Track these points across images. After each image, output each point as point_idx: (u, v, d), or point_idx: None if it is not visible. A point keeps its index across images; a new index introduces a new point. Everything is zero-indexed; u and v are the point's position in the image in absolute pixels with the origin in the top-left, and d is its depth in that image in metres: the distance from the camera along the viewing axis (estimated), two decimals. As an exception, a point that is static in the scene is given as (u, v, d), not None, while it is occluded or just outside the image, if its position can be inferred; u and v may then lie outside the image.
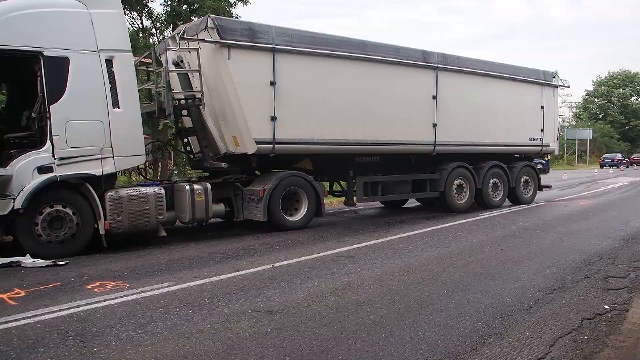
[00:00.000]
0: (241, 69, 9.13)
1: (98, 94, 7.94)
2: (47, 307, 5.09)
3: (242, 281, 6.11)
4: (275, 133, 9.54)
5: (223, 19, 9.79)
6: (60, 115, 7.62)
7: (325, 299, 5.30)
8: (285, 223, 9.96)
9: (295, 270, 6.67)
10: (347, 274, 6.44)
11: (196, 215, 9.06)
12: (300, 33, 10.05)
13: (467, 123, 12.41)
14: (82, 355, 3.89)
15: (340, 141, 10.44)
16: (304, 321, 4.61)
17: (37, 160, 7.52)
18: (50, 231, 7.65)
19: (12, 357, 3.87)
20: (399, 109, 11.22)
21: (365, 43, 10.86)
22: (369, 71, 10.76)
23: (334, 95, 10.26)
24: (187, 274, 6.49)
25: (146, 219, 8.39)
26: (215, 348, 4.01)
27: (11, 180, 7.31)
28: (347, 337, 4.22)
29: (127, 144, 8.27)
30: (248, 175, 10.23)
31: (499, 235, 9.38)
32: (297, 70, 9.77)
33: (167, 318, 4.74)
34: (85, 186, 7.90)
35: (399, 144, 11.41)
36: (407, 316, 4.75)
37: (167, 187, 9.00)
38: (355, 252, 7.89)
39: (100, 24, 8.03)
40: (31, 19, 7.60)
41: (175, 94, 9.53)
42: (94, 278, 6.33)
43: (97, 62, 7.95)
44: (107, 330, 4.43)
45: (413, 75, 11.57)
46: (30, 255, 7.37)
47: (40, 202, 7.55)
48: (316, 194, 10.30)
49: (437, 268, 6.72)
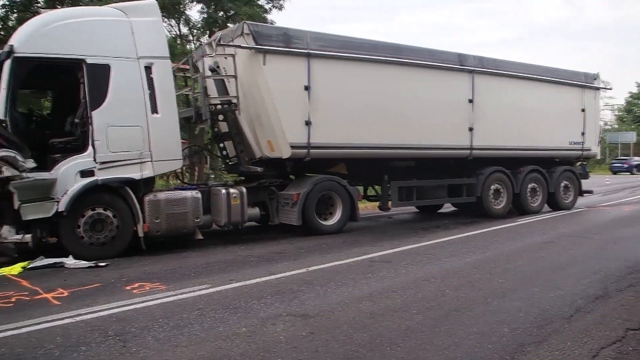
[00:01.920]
0: (276, 74, 9.21)
1: (137, 100, 8.15)
2: (88, 307, 5.23)
3: (277, 285, 6.14)
4: (310, 137, 9.57)
5: (259, 25, 9.91)
6: (101, 120, 7.85)
7: (359, 304, 5.27)
8: (320, 227, 9.97)
9: (330, 274, 6.67)
10: (381, 279, 6.40)
11: (232, 218, 9.17)
12: (334, 38, 10.09)
13: (505, 127, 12.17)
14: (122, 355, 3.98)
15: (375, 145, 10.40)
16: (339, 326, 4.60)
17: (80, 164, 7.76)
18: (91, 233, 7.87)
19: (56, 355, 3.99)
20: (434, 113, 11.10)
21: (400, 47, 10.81)
22: (403, 75, 10.69)
23: (369, 100, 10.23)
24: (223, 276, 6.56)
25: (183, 222, 8.54)
26: (251, 351, 4.03)
27: (55, 183, 7.56)
28: (382, 342, 4.19)
29: (165, 149, 8.45)
30: (283, 180, 10.29)
31: (538, 241, 9.16)
32: (331, 74, 9.79)
33: (204, 320, 4.80)
34: (125, 190, 8.10)
35: (435, 148, 11.28)
36: (443, 323, 4.67)
37: (203, 191, 9.14)
38: (390, 257, 7.83)
39: (140, 31, 8.24)
40: (75, 28, 7.88)
41: (212, 100, 9.69)
42: (133, 279, 6.48)
43: (136, 69, 8.16)
44: (146, 331, 4.52)
45: (448, 78, 11.43)
46: (73, 256, 7.60)
47: (82, 205, 7.78)
48: (351, 198, 10.28)
49: (474, 274, 6.60)
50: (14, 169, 7.07)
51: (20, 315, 4.99)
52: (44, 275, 6.86)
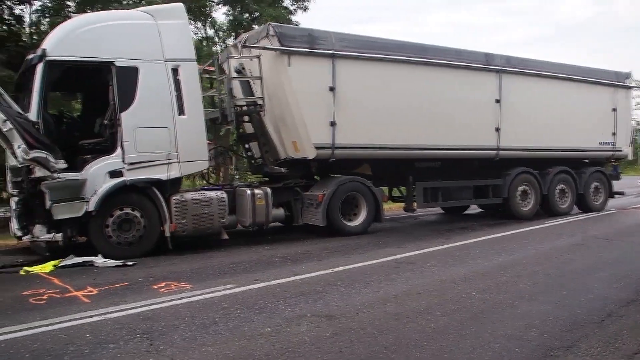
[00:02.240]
0: (301, 75, 9.24)
1: (165, 101, 8.27)
2: (117, 305, 5.33)
3: (301, 285, 6.15)
4: (335, 138, 9.57)
5: (283, 27, 9.97)
6: (130, 122, 7.98)
7: (384, 306, 5.25)
8: (344, 228, 9.96)
9: (355, 275, 6.65)
10: (406, 280, 6.36)
11: (257, 219, 9.22)
12: (359, 38, 10.08)
13: (533, 127, 11.97)
14: (149, 353, 4.03)
15: (399, 146, 10.35)
16: (363, 327, 4.58)
17: (109, 165, 7.91)
18: (119, 233, 8.01)
19: (86, 351, 4.07)
20: (460, 113, 10.99)
21: (426, 47, 10.74)
22: (429, 75, 10.62)
23: (394, 100, 10.18)
24: (248, 276, 6.60)
25: (209, 222, 8.63)
26: (275, 351, 4.05)
27: (85, 184, 7.72)
28: (407, 344, 4.16)
29: (192, 150, 8.56)
30: (307, 180, 10.32)
31: (567, 243, 8.98)
32: (356, 75, 9.78)
33: (229, 320, 4.84)
34: (153, 190, 8.22)
35: (460, 148, 11.18)
36: (469, 325, 4.62)
37: (229, 192, 9.22)
38: (415, 258, 7.77)
39: (167, 34, 8.36)
40: (104, 31, 8.04)
41: (237, 101, 9.77)
42: (159, 279, 6.57)
43: (164, 71, 8.28)
44: (172, 329, 4.58)
45: (475, 78, 11.31)
46: (102, 255, 7.75)
47: (111, 205, 7.93)
48: (375, 199, 10.25)
49: (501, 277, 6.50)
50: (46, 169, 7.26)
51: (52, 313, 5.11)
52: (74, 274, 7.01)
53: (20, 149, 6.93)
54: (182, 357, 3.96)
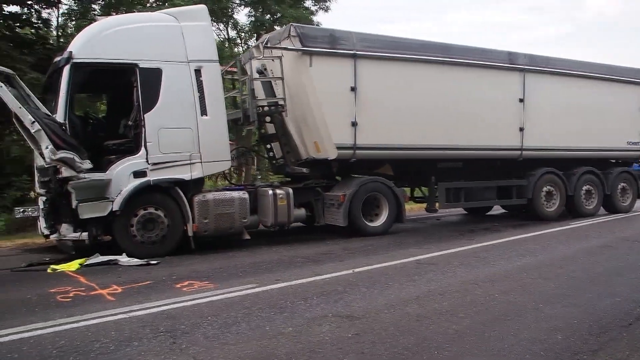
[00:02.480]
0: (322, 75, 9.25)
1: (188, 102, 8.35)
2: (140, 304, 5.40)
3: (322, 285, 6.15)
4: (356, 138, 9.56)
5: (305, 27, 9.99)
6: (153, 123, 8.09)
7: (406, 307, 5.22)
8: (366, 228, 9.94)
9: (376, 276, 6.63)
10: (428, 281, 6.31)
11: (278, 219, 9.26)
12: (381, 38, 10.05)
13: (557, 127, 11.78)
14: (172, 351, 4.08)
15: (422, 146, 10.28)
16: (385, 328, 4.56)
17: (133, 165, 8.02)
18: (143, 232, 8.12)
19: (111, 348, 4.14)
20: (483, 113, 10.88)
21: (449, 46, 10.67)
22: (452, 75, 10.54)
23: (416, 100, 10.13)
24: (270, 276, 6.63)
25: (231, 222, 8.69)
26: (297, 351, 4.06)
27: (110, 183, 7.85)
28: (429, 346, 4.13)
29: (214, 150, 8.63)
30: (329, 181, 10.33)
31: (593, 245, 8.81)
32: (378, 75, 9.75)
33: (251, 319, 4.87)
34: (176, 190, 8.32)
35: (484, 149, 11.05)
36: (492, 327, 4.56)
37: (250, 192, 9.27)
38: (437, 259, 7.72)
39: (190, 36, 8.45)
40: (129, 34, 8.17)
41: (259, 101, 9.83)
42: (182, 278, 6.64)
43: (187, 72, 8.37)
44: (195, 328, 4.62)
45: (498, 77, 11.18)
46: (126, 254, 7.86)
47: (135, 204, 8.04)
48: (397, 199, 10.21)
49: (525, 279, 6.41)
50: (72, 169, 7.39)
51: (78, 310, 5.21)
52: (99, 272, 7.13)
53: (47, 149, 7.06)
54: (204, 355, 3.99)
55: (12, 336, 4.45)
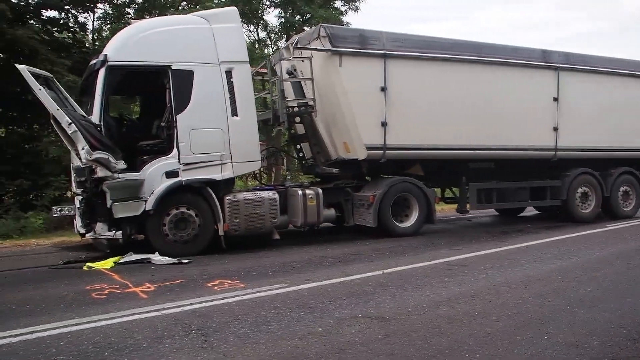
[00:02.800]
0: (352, 75, 9.23)
1: (219, 103, 8.45)
2: (173, 302, 5.49)
3: (352, 286, 6.15)
4: (386, 139, 9.51)
5: (335, 27, 9.99)
6: (185, 124, 8.21)
7: (437, 308, 5.17)
8: (396, 229, 9.88)
9: (406, 277, 6.59)
10: (459, 283, 6.24)
11: (308, 219, 9.28)
12: (411, 38, 9.98)
13: (593, 126, 11.48)
14: (204, 349, 4.14)
15: (452, 147, 10.17)
16: (415, 329, 4.53)
17: (165, 165, 8.16)
18: (176, 231, 8.25)
19: (144, 345, 4.22)
20: (515, 113, 10.68)
21: (480, 45, 10.52)
22: (484, 74, 10.38)
23: (447, 100, 10.02)
24: (299, 276, 6.66)
25: (261, 222, 8.76)
26: (326, 351, 4.06)
27: (143, 183, 8.00)
28: (460, 349, 4.08)
29: (245, 151, 8.70)
30: (358, 181, 10.30)
31: (631, 248, 8.56)
32: (408, 75, 9.68)
33: (281, 319, 4.89)
34: (207, 190, 8.42)
35: (516, 149, 10.85)
36: (525, 331, 4.48)
37: (280, 192, 9.32)
38: (469, 261, 7.62)
39: (221, 38, 8.54)
40: (162, 36, 8.31)
41: (289, 102, 9.87)
42: (213, 276, 6.72)
43: (218, 73, 8.47)
44: (226, 326, 4.67)
45: (532, 76, 10.96)
46: (159, 253, 8.00)
47: (167, 204, 8.17)
48: (427, 200, 10.12)
49: (559, 282, 6.27)
50: (107, 169, 7.56)
51: (112, 307, 5.33)
52: (132, 270, 7.28)
53: (84, 150, 7.23)
54: (235, 353, 4.03)
55: (51, 331, 4.58)
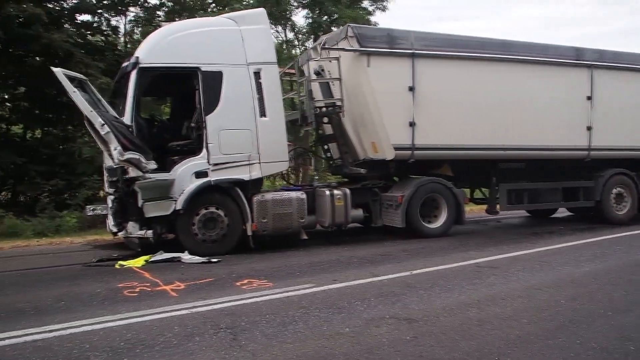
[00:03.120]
0: (380, 75, 9.19)
1: (247, 104, 8.51)
2: (202, 300, 5.56)
3: (380, 287, 6.12)
4: (414, 139, 9.44)
5: (362, 27, 9.97)
6: (214, 124, 8.30)
7: (466, 311, 5.11)
8: (424, 230, 9.80)
9: (435, 278, 6.53)
10: (489, 285, 6.15)
11: (336, 219, 9.28)
12: (439, 36, 9.89)
13: (629, 125, 11.17)
14: (232, 348, 4.18)
15: (482, 147, 10.03)
16: (444, 332, 4.48)
17: (195, 166, 8.27)
18: (205, 231, 8.34)
19: (174, 343, 4.29)
20: (547, 112, 10.47)
21: (510, 43, 10.35)
22: (513, 72, 10.22)
23: (476, 99, 9.89)
24: (327, 276, 6.66)
25: (289, 222, 8.79)
26: (354, 352, 4.06)
27: (174, 183, 8.12)
28: (490, 352, 4.02)
29: (273, 151, 8.75)
30: (386, 181, 10.25)
31: (668, 251, 8.31)
32: (436, 74, 9.59)
33: (308, 318, 4.91)
34: (235, 190, 8.50)
35: (548, 149, 10.64)
36: (557, 335, 4.39)
37: (308, 192, 9.33)
38: (499, 263, 7.50)
39: (250, 39, 8.61)
40: (191, 38, 8.42)
41: (317, 102, 9.89)
42: (242, 276, 6.78)
43: (246, 74, 8.53)
44: (254, 325, 4.71)
45: (564, 74, 10.72)
46: (188, 252, 8.11)
47: (197, 204, 8.28)
48: (456, 201, 10.00)
49: (593, 285, 6.13)
50: (139, 169, 7.70)
51: (144, 305, 5.43)
52: (163, 269, 7.40)
53: (116, 150, 7.38)
54: (263, 353, 4.06)
55: (84, 327, 4.70)
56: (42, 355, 4.07)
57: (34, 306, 5.49)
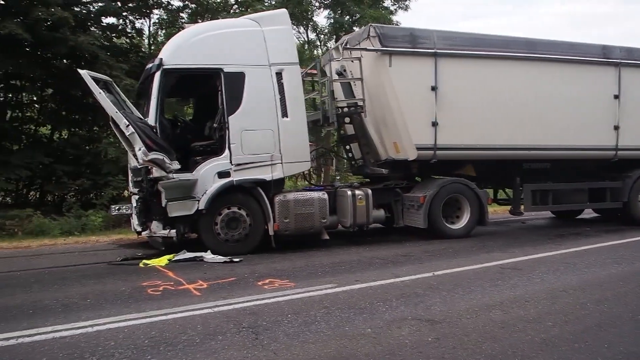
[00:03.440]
0: (402, 75, 9.15)
1: (269, 104, 8.55)
2: (225, 299, 5.61)
3: (402, 288, 6.10)
4: (437, 139, 9.38)
5: (384, 27, 9.92)
6: (237, 125, 8.36)
7: (489, 312, 5.05)
8: (446, 231, 9.72)
9: (457, 279, 6.47)
10: (513, 287, 6.07)
11: (357, 220, 9.26)
12: (462, 35, 9.80)
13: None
14: (254, 347, 4.20)
15: (505, 147, 9.91)
16: (467, 334, 4.44)
17: (218, 166, 8.33)
18: (227, 230, 8.41)
19: (197, 341, 4.34)
20: (573, 111, 10.29)
21: (534, 42, 10.21)
22: (538, 71, 10.07)
23: (500, 99, 9.77)
24: (349, 277, 6.66)
25: (310, 222, 8.80)
26: (376, 352, 4.05)
27: (196, 183, 8.20)
28: (514, 355, 3.97)
29: (295, 151, 8.77)
30: (408, 182, 10.20)
31: (699, 253, 8.09)
32: (459, 73, 9.50)
33: (330, 319, 4.91)
34: (257, 190, 8.54)
35: (573, 149, 10.45)
36: (583, 338, 4.31)
37: (330, 192, 9.34)
38: (523, 264, 7.40)
39: (272, 40, 8.64)
40: (214, 39, 8.48)
41: (339, 103, 9.89)
42: (264, 275, 6.82)
43: (268, 75, 8.57)
44: (276, 325, 4.73)
45: (590, 73, 10.53)
46: (211, 251, 8.18)
47: (219, 204, 8.34)
48: (479, 201, 9.90)
49: (620, 287, 6.00)
50: (162, 170, 7.79)
51: (167, 303, 5.49)
52: (186, 268, 7.48)
53: (140, 151, 7.47)
54: (285, 352, 4.08)
55: (109, 325, 4.77)
56: (69, 351, 4.15)
57: (62, 303, 5.60)
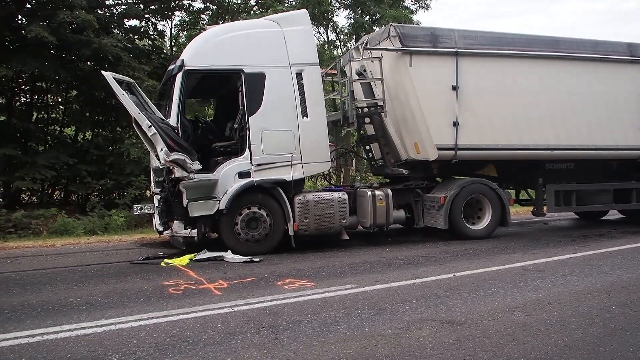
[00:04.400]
0: (422, 74, 9.10)
1: (289, 105, 8.57)
2: (245, 299, 5.64)
3: (422, 289, 6.06)
4: (458, 139, 9.30)
5: (405, 27, 9.88)
6: (257, 125, 8.40)
7: (511, 315, 4.99)
8: (467, 232, 9.64)
9: (478, 281, 6.41)
10: (535, 289, 5.99)
11: (377, 220, 9.23)
12: (484, 35, 9.69)
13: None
14: (274, 346, 4.22)
15: (528, 146, 9.78)
16: (488, 336, 4.40)
17: (238, 166, 8.38)
18: (247, 230, 8.46)
19: (217, 340, 4.37)
20: (597, 110, 10.12)
21: (558, 40, 10.06)
22: (562, 70, 9.92)
23: (522, 98, 9.65)
24: (368, 277, 6.64)
25: (330, 223, 8.80)
26: (396, 353, 4.03)
27: (217, 184, 8.27)
28: (536, 357, 3.92)
29: (315, 152, 8.78)
30: (429, 182, 10.13)
31: None
32: (481, 73, 9.42)
33: (350, 319, 4.90)
34: (277, 190, 8.57)
35: (597, 149, 10.27)
36: (608, 342, 4.23)
37: (350, 193, 9.33)
38: (545, 266, 7.30)
39: (292, 40, 8.66)
40: (235, 40, 8.53)
41: (359, 103, 9.87)
42: (283, 275, 6.84)
43: (288, 76, 8.59)
44: (296, 325, 4.74)
45: (615, 71, 10.34)
46: (231, 251, 8.24)
47: (240, 204, 8.40)
48: (501, 202, 9.79)
49: (646, 290, 5.88)
50: (184, 170, 7.87)
51: (188, 302, 5.55)
52: (206, 267, 7.54)
53: (162, 151, 7.55)
54: (305, 352, 4.09)
55: (132, 323, 4.84)
56: (93, 348, 4.22)
57: (85, 301, 5.70)
